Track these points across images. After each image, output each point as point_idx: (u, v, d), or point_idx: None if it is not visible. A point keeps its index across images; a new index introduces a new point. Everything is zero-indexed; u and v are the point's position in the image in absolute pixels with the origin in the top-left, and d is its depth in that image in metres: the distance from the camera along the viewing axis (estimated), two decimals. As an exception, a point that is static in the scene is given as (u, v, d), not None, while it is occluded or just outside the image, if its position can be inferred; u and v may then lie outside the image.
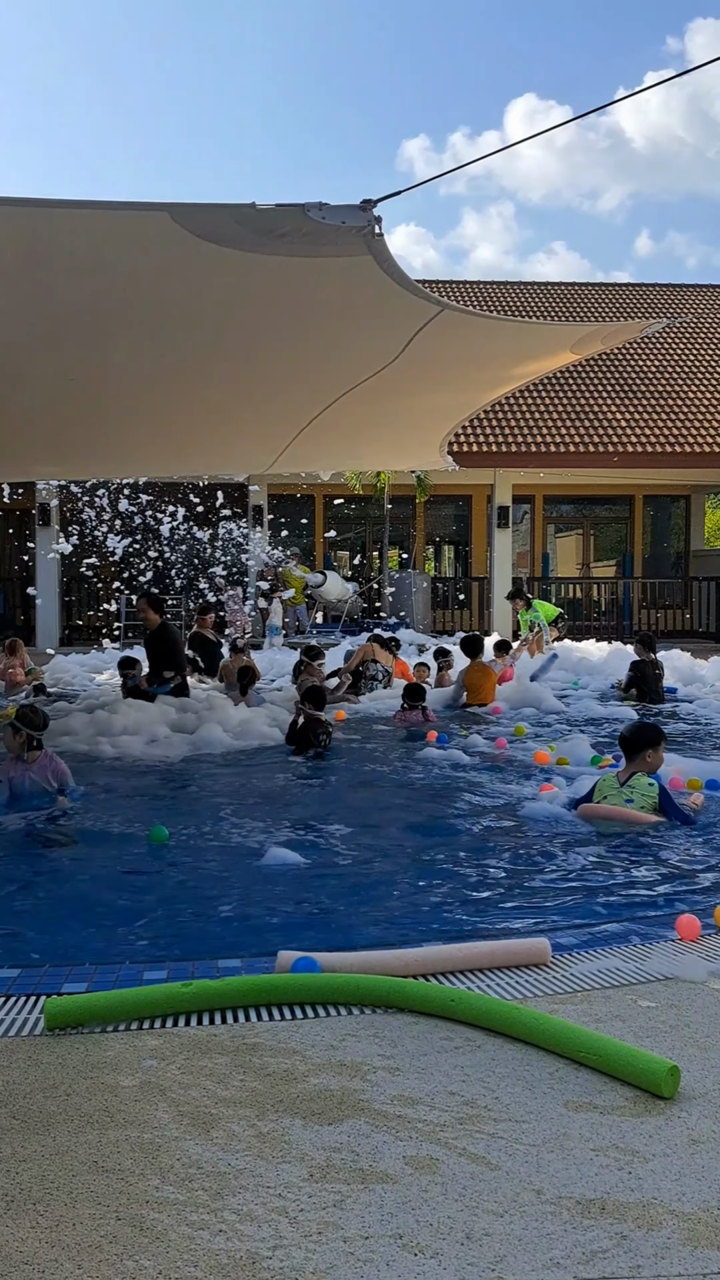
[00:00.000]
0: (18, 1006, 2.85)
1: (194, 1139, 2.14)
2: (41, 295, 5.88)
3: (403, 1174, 2.03)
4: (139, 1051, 2.55)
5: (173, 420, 9.50)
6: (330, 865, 4.75)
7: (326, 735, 7.71)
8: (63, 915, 4.02)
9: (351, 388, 8.09)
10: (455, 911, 4.02)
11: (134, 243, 5.05)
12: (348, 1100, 2.32)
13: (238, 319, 6.51)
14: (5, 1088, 2.35)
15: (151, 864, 4.83)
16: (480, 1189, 1.98)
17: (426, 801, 6.25)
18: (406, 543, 24.39)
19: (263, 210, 4.38)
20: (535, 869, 4.63)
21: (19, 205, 4.67)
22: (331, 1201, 1.92)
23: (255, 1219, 1.86)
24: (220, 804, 6.11)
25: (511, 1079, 2.45)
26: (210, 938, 3.72)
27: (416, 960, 3.09)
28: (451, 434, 11.04)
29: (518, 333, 8.35)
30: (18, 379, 7.61)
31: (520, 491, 22.29)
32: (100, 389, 8.02)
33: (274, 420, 9.58)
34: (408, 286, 5.70)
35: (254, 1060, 2.51)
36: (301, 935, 3.72)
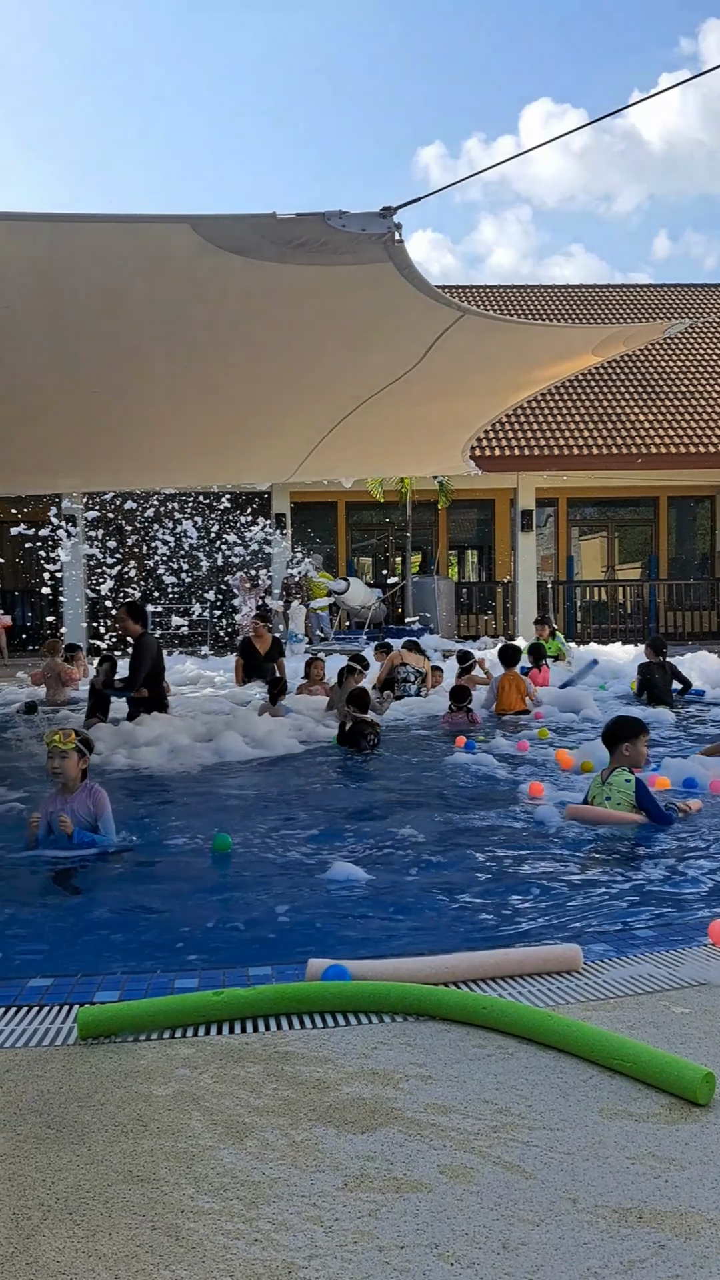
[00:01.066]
0: (51, 1016, 2.86)
1: (228, 1148, 2.14)
2: (65, 309, 5.94)
3: (437, 1183, 2.02)
4: (172, 1060, 2.56)
5: (195, 430, 9.55)
6: (342, 876, 4.71)
7: (375, 735, 8.05)
8: (94, 924, 4.04)
9: (373, 394, 8.11)
10: (485, 918, 4.01)
11: (156, 255, 5.10)
12: (380, 1109, 2.32)
13: (259, 328, 6.54)
14: (40, 1097, 2.37)
15: (179, 871, 4.84)
16: (515, 1198, 1.97)
17: (453, 806, 6.24)
18: (429, 548, 24.37)
19: (283, 219, 4.40)
20: (565, 874, 4.61)
21: (41, 220, 4.73)
22: (366, 1211, 1.92)
23: (290, 1228, 1.86)
24: (245, 810, 6.12)
25: (545, 1086, 2.43)
26: (240, 946, 3.73)
27: (447, 967, 3.08)
28: (474, 438, 11.03)
29: (539, 336, 8.34)
30: (42, 392, 7.68)
31: (543, 495, 22.24)
32: (123, 400, 8.08)
33: (296, 428, 9.62)
34: (428, 292, 5.71)
35: (286, 1069, 2.51)
36: (331, 943, 3.72)
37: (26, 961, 3.52)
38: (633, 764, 5.47)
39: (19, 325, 6.10)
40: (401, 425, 9.86)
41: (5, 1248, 1.79)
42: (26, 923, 4.06)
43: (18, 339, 6.37)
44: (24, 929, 3.97)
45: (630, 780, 5.37)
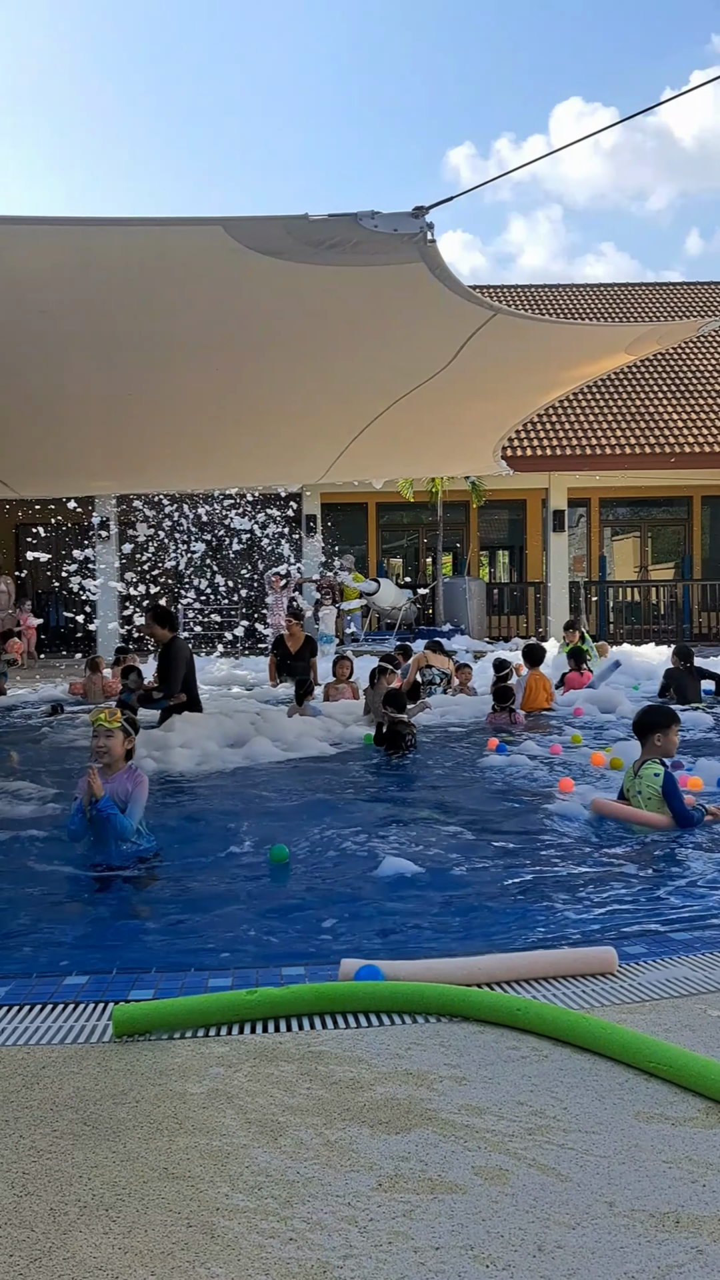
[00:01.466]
0: (86, 1013, 2.88)
1: (262, 1147, 2.15)
2: (98, 312, 5.99)
3: (472, 1184, 2.01)
4: (206, 1059, 2.57)
5: (227, 432, 9.59)
6: (389, 872, 4.74)
7: (412, 736, 8.09)
8: (128, 922, 4.06)
9: (404, 395, 8.10)
10: (518, 919, 3.99)
11: (188, 257, 5.12)
12: (415, 1109, 2.31)
13: (291, 329, 6.56)
14: (76, 1094, 2.38)
15: (212, 871, 4.86)
16: (551, 1200, 1.95)
17: (485, 807, 6.22)
18: (460, 549, 24.32)
19: (315, 220, 4.41)
20: (599, 875, 4.58)
21: (75, 225, 4.77)
22: (401, 1211, 1.91)
23: (325, 1228, 1.86)
24: (277, 812, 6.13)
25: (580, 1089, 2.42)
26: (272, 945, 3.74)
27: (480, 969, 3.07)
28: (505, 438, 11.00)
29: (571, 335, 8.30)
30: (76, 395, 7.75)
31: (576, 495, 22.12)
32: (156, 403, 8.14)
33: (327, 429, 9.63)
34: (460, 292, 5.69)
35: (320, 1068, 2.51)
36: (363, 943, 3.72)
37: (63, 959, 3.55)
38: (664, 754, 5.42)
39: (54, 329, 6.16)
40: (433, 425, 9.84)
41: (43, 1243, 1.81)
42: (62, 920, 4.09)
43: (52, 342, 6.44)
44: (59, 926, 4.01)
45: (659, 774, 5.32)
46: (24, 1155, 2.11)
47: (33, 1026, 2.79)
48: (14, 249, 5.01)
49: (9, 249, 5.00)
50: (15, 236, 4.85)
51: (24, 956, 3.63)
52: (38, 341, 6.40)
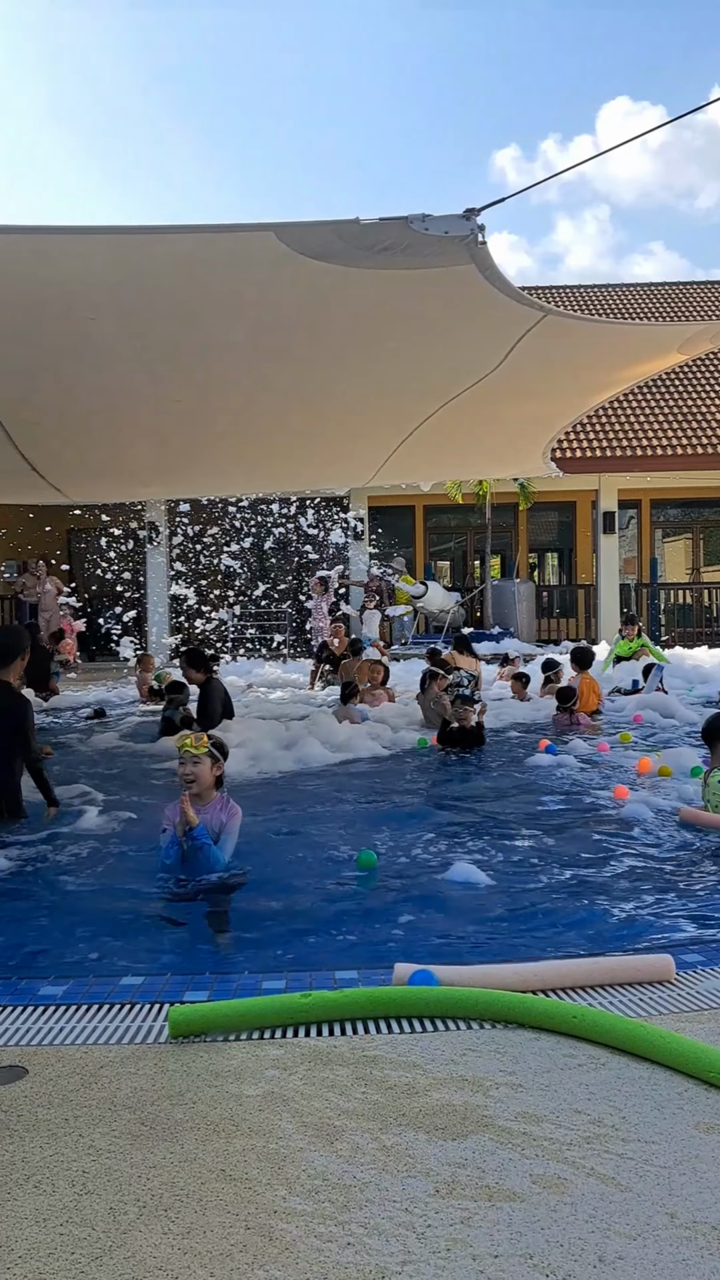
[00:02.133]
0: (142, 1014, 2.91)
1: (318, 1150, 2.15)
2: (148, 319, 6.04)
3: (530, 1192, 1.99)
4: (261, 1061, 2.58)
5: (276, 437, 9.63)
6: (441, 877, 4.72)
7: (481, 734, 8.21)
8: (183, 923, 4.09)
9: (453, 397, 8.07)
10: (574, 925, 3.95)
11: (239, 263, 5.15)
12: (471, 1116, 2.30)
13: (340, 333, 6.57)
14: (134, 1094, 2.40)
15: (266, 873, 4.87)
16: (611, 1210, 1.93)
17: (538, 810, 6.17)
18: (509, 551, 24.19)
19: (366, 224, 4.41)
20: (656, 881, 4.52)
21: (127, 233, 4.82)
22: (459, 1218, 1.90)
23: (383, 1233, 1.85)
24: (334, 816, 6.14)
25: (639, 1098, 2.38)
26: (325, 948, 3.74)
27: (535, 975, 3.04)
28: (555, 440, 10.91)
29: (623, 335, 8.21)
30: (125, 401, 7.83)
31: (626, 496, 21.89)
32: (205, 408, 8.19)
33: (376, 432, 9.63)
34: (510, 293, 5.66)
35: (375, 1073, 2.50)
36: (417, 947, 3.71)
37: (119, 960, 3.58)
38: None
39: (104, 336, 6.23)
40: (482, 427, 9.80)
41: (103, 1241, 1.82)
42: (117, 921, 4.13)
43: (103, 349, 6.51)
44: (116, 927, 4.04)
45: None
46: (83, 1154, 2.14)
47: (90, 1026, 2.82)
48: (67, 258, 5.08)
49: (63, 258, 5.07)
50: (69, 246, 4.92)
51: (81, 957, 3.67)
52: (89, 348, 6.47)
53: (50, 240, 4.85)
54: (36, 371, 6.85)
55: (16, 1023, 2.84)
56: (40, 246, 4.90)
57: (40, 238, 4.81)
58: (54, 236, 4.81)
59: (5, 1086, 2.44)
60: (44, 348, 6.36)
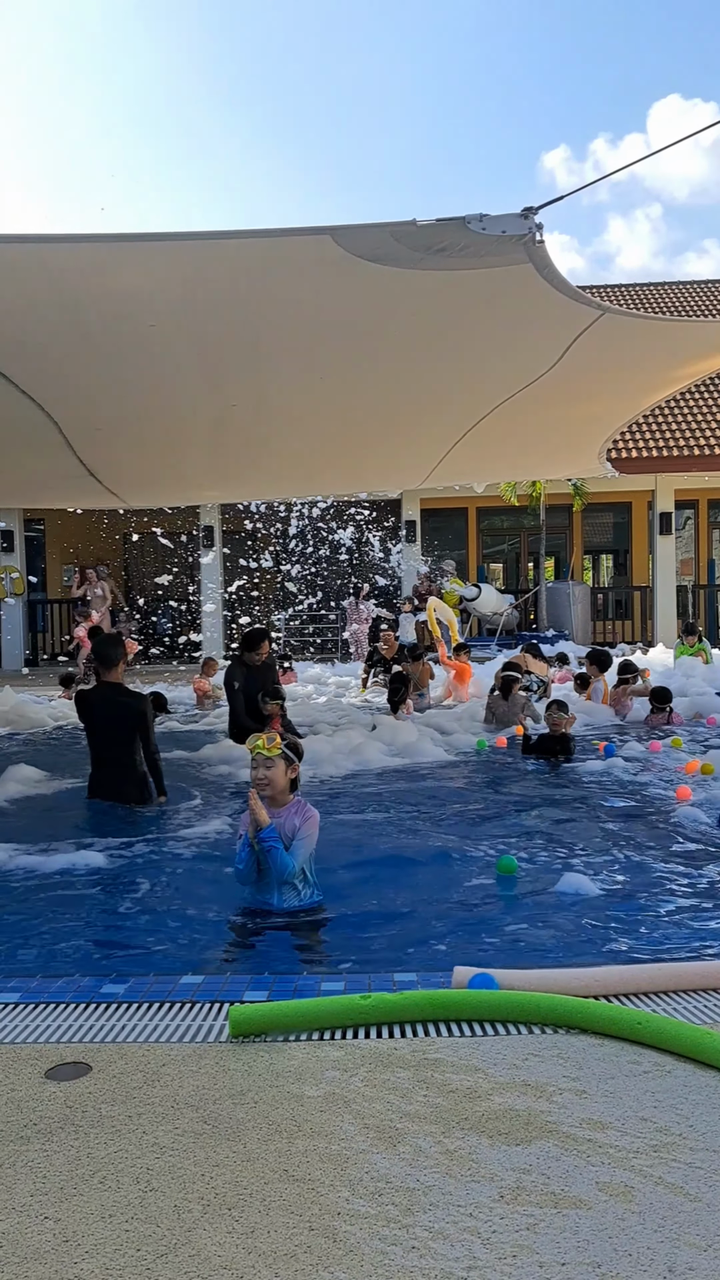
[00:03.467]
0: (203, 1013, 2.92)
1: (381, 1153, 2.14)
2: (205, 325, 6.09)
3: (596, 1200, 1.96)
4: (321, 1062, 2.57)
5: (330, 440, 9.65)
6: (569, 889, 4.62)
7: (573, 742, 8.16)
8: (243, 922, 4.11)
9: (508, 397, 8.03)
10: (640, 930, 3.89)
11: (296, 267, 5.17)
12: (534, 1121, 2.27)
13: (397, 335, 6.57)
14: (196, 1093, 2.41)
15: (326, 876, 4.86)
16: (680, 1220, 1.89)
17: (606, 813, 6.09)
18: (563, 553, 23.98)
19: (423, 226, 4.41)
20: (700, 888, 4.44)
21: (185, 240, 4.87)
22: (524, 1225, 1.88)
23: (447, 1238, 1.84)
24: (389, 819, 6.12)
25: (706, 1107, 2.34)
26: (384, 950, 3.73)
27: (598, 980, 3.00)
28: (610, 440, 10.80)
29: (681, 332, 8.09)
30: (182, 407, 7.91)
31: (683, 496, 21.58)
32: (262, 412, 8.24)
33: (430, 434, 9.61)
34: (567, 292, 5.62)
35: (436, 1076, 2.49)
36: (475, 949, 3.68)
37: (179, 958, 3.61)
38: None
39: (163, 342, 6.29)
40: (537, 428, 9.73)
41: (168, 1239, 1.83)
42: (179, 919, 4.16)
43: (161, 356, 6.58)
44: (177, 924, 4.07)
45: None
46: (147, 1151, 2.15)
47: (151, 1024, 2.84)
48: (127, 266, 5.14)
49: (122, 266, 5.13)
50: (128, 254, 4.98)
51: (143, 952, 3.71)
52: (147, 355, 6.55)
53: (109, 249, 4.91)
54: (95, 378, 6.95)
55: (79, 1020, 2.87)
56: (99, 255, 4.97)
57: (99, 246, 4.88)
58: (113, 245, 4.88)
59: (70, 1082, 2.47)
60: (103, 355, 6.44)
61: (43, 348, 6.24)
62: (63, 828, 5.75)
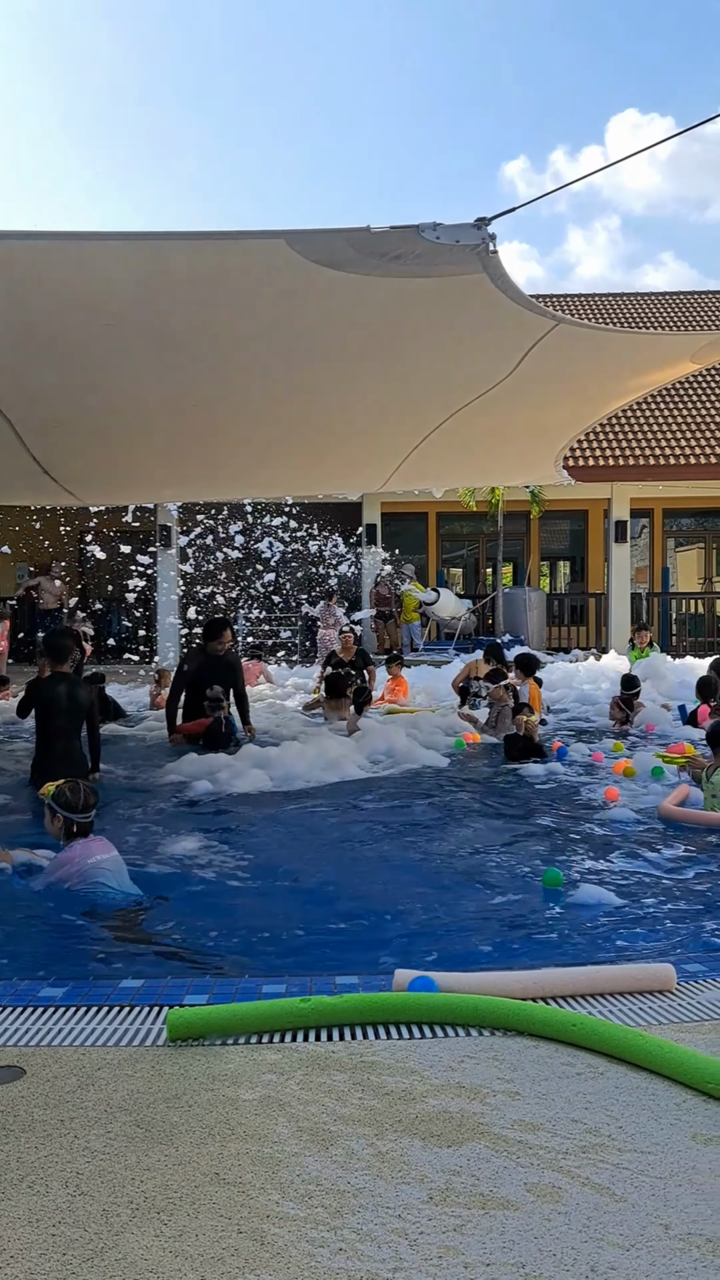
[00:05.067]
0: (141, 1017, 2.91)
1: (313, 1155, 2.14)
2: (163, 325, 6.07)
3: (524, 1201, 1.99)
4: (258, 1066, 2.58)
5: (290, 442, 9.65)
6: (442, 884, 4.71)
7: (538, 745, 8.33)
8: (180, 928, 4.10)
9: (465, 405, 8.08)
10: (575, 933, 3.94)
11: (251, 270, 5.17)
12: (467, 1123, 2.29)
13: (352, 341, 6.59)
14: (130, 1096, 2.41)
15: (263, 884, 4.87)
16: (605, 1221, 1.92)
17: (544, 816, 6.15)
18: (520, 559, 24.16)
19: (377, 232, 4.43)
20: (659, 889, 4.50)
21: (141, 239, 4.85)
22: (452, 1226, 1.90)
23: (375, 1239, 1.85)
24: (328, 830, 6.14)
25: (636, 1108, 2.37)
26: (325, 954, 3.74)
27: (535, 983, 3.03)
28: (567, 448, 10.90)
29: (635, 344, 8.20)
30: (143, 406, 7.87)
31: (638, 505, 21.85)
32: (219, 413, 8.22)
33: (388, 439, 9.65)
34: (522, 302, 5.67)
35: (372, 1079, 2.50)
36: (417, 954, 3.70)
37: (118, 962, 3.59)
38: None
39: (119, 340, 6.26)
40: (493, 435, 9.80)
41: (95, 1243, 1.83)
42: (120, 924, 4.13)
43: (118, 353, 6.54)
44: (116, 930, 4.05)
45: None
46: (78, 1155, 2.14)
47: (89, 1028, 2.82)
48: (83, 264, 5.11)
49: (78, 264, 5.10)
50: (84, 251, 4.95)
51: (82, 958, 3.68)
52: (104, 352, 6.51)
53: (66, 246, 4.88)
54: (49, 375, 6.89)
55: (16, 1023, 2.85)
56: (55, 252, 4.94)
57: (56, 244, 4.84)
58: (69, 242, 4.85)
59: (3, 1087, 2.45)
60: (56, 352, 6.40)
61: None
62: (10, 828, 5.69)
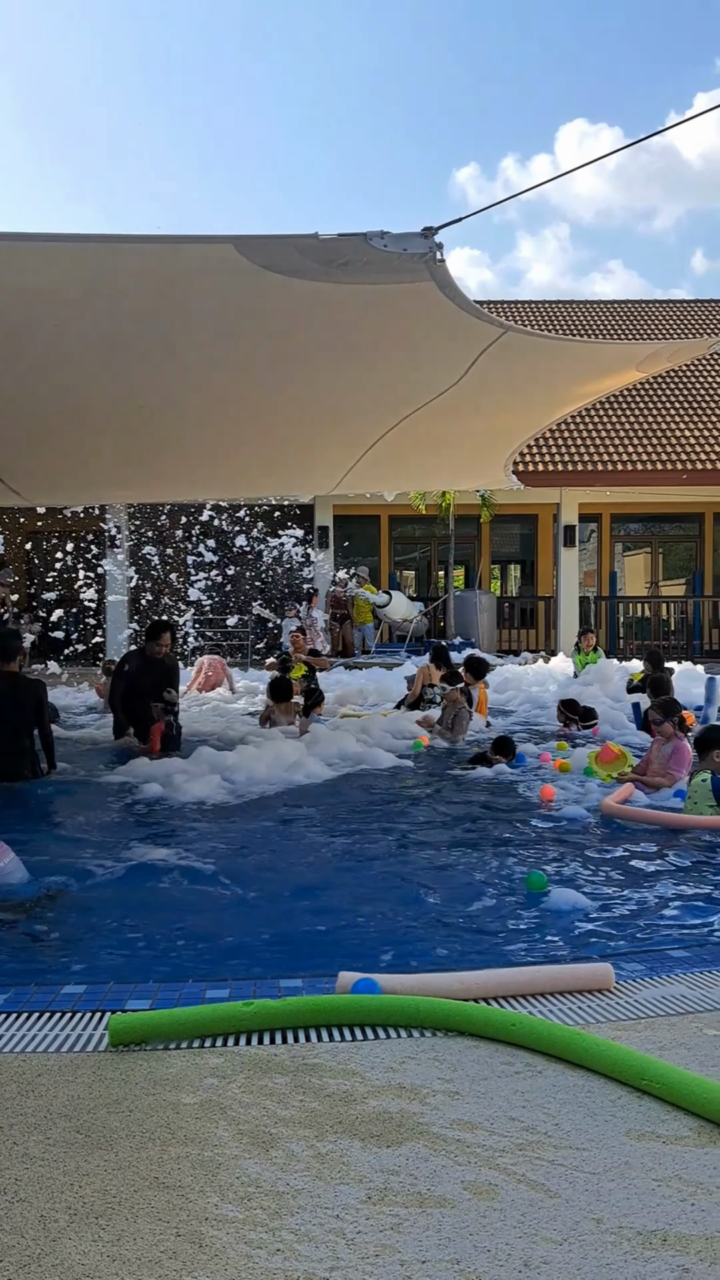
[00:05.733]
0: (84, 1023, 2.90)
1: (253, 1158, 2.16)
2: (112, 327, 6.04)
3: (461, 1199, 2.02)
4: (200, 1070, 2.58)
5: (241, 444, 9.65)
6: (388, 885, 4.74)
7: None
8: (126, 933, 4.08)
9: (415, 410, 8.14)
10: (516, 934, 3.99)
11: (200, 275, 5.17)
12: (407, 1123, 2.32)
13: (302, 346, 6.61)
14: (70, 1102, 2.40)
15: (213, 886, 4.86)
16: (539, 1216, 1.96)
17: (487, 818, 6.21)
18: (472, 562, 24.34)
19: (325, 240, 4.46)
20: (599, 891, 4.58)
21: (89, 242, 4.83)
22: (389, 1225, 1.92)
23: (313, 1239, 1.87)
24: (277, 831, 6.15)
25: (572, 1106, 2.42)
26: (271, 957, 3.75)
27: (477, 983, 3.07)
28: (516, 453, 11.02)
29: (582, 352, 8.33)
30: (91, 407, 7.81)
31: (587, 510, 22.13)
32: (171, 415, 8.20)
33: (339, 443, 9.68)
34: (470, 310, 5.73)
35: (314, 1081, 2.52)
36: (362, 956, 3.73)
37: (61, 967, 3.57)
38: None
39: (68, 342, 6.22)
40: (444, 440, 9.88)
41: (32, 1249, 1.82)
42: (63, 928, 4.11)
43: (67, 355, 6.50)
44: (59, 934, 4.03)
45: (707, 780, 5.95)
46: (16, 1162, 2.13)
47: (30, 1034, 2.81)
48: (30, 265, 5.07)
49: (24, 266, 5.06)
50: (31, 253, 4.91)
51: (24, 963, 3.65)
52: (52, 353, 6.46)
53: (10, 247, 4.84)
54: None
55: (-44, 1030, 2.83)
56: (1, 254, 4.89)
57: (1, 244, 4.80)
58: (14, 244, 4.80)
59: (-59, 1094, 2.43)
60: (0, 354, 6.33)
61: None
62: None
